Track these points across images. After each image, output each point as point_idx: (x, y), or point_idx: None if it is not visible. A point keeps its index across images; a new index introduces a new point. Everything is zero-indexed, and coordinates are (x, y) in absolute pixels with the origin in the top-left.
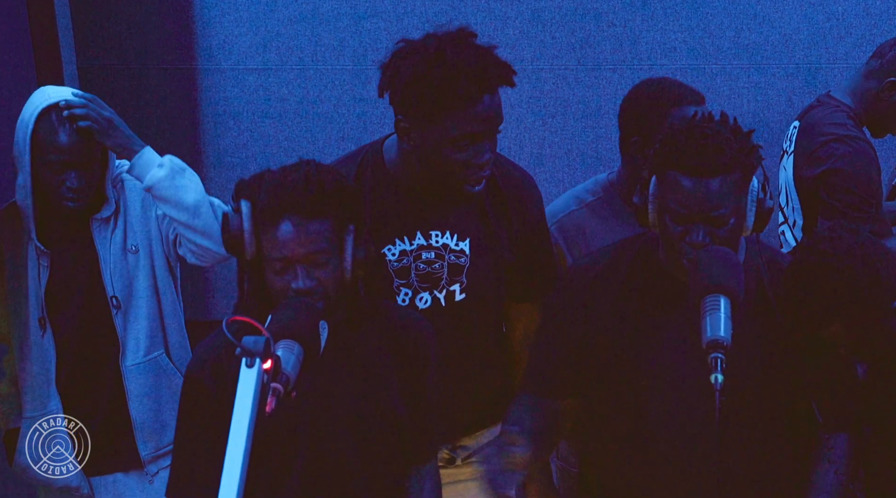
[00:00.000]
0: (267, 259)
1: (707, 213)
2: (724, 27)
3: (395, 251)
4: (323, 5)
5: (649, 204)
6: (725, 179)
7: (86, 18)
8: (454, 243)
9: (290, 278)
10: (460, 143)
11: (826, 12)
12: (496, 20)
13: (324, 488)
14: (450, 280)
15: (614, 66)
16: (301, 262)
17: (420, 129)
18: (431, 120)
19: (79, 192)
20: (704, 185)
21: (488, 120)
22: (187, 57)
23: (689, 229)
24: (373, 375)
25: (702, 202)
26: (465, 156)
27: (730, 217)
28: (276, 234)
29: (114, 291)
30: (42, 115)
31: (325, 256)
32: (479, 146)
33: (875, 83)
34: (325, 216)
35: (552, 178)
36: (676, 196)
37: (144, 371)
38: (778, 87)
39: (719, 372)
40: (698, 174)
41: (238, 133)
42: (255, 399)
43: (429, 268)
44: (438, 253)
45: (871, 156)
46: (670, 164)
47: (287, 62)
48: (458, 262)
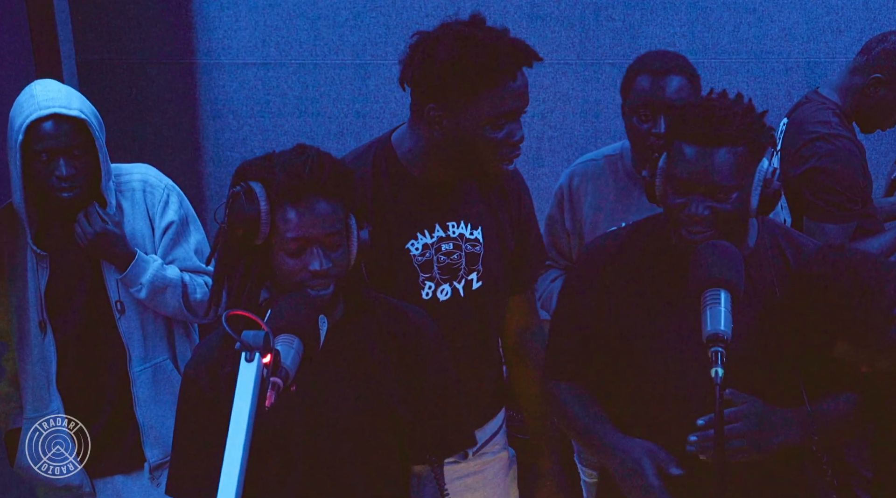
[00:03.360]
0: (281, 240)
1: (709, 183)
2: (724, 21)
3: (418, 245)
4: (322, 1)
5: (657, 178)
6: (730, 151)
7: (85, 14)
8: (469, 232)
9: (304, 261)
10: (498, 121)
11: (825, 7)
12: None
13: (323, 487)
14: (468, 269)
15: (613, 61)
16: (318, 242)
17: (455, 114)
18: (469, 101)
19: (71, 181)
20: (708, 154)
21: (523, 96)
22: (186, 52)
23: (690, 201)
24: (372, 370)
25: (704, 172)
26: (503, 134)
27: (732, 191)
28: (294, 215)
29: (118, 295)
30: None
31: (340, 237)
32: (514, 124)
33: (861, 79)
34: (338, 198)
35: (551, 173)
36: (680, 165)
37: (150, 376)
38: (777, 82)
39: (720, 366)
40: (702, 143)
41: (237, 128)
42: (254, 393)
43: (448, 259)
44: (456, 243)
45: (856, 153)
46: (677, 134)
47: (286, 57)
48: (474, 250)
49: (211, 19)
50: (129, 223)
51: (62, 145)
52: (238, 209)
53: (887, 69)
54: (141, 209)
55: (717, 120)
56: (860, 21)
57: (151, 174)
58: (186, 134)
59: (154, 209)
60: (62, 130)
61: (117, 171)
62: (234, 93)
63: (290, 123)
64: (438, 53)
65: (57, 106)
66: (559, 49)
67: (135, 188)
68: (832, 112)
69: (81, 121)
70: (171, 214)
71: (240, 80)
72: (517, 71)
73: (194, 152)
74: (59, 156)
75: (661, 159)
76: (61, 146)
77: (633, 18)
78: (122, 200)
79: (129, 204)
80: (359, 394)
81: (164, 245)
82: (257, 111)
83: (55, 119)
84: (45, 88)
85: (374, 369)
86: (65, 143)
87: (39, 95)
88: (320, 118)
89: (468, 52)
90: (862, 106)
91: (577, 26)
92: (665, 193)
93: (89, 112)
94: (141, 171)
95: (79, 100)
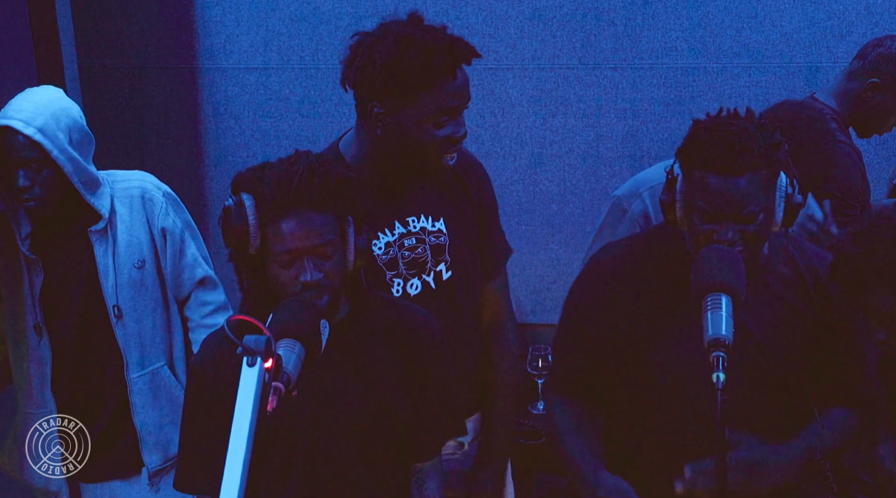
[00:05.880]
0: (272, 253)
1: (737, 212)
2: (725, 26)
3: (380, 245)
4: (324, 5)
5: (677, 202)
6: (753, 177)
7: (87, 18)
8: (430, 225)
9: (296, 271)
10: (440, 120)
11: (827, 11)
12: (497, 19)
13: (325, 487)
14: (435, 261)
15: (615, 65)
16: (309, 254)
17: (397, 113)
18: (410, 100)
19: (29, 192)
20: (733, 183)
21: (463, 93)
22: (188, 56)
23: (719, 228)
24: (374, 373)
25: (731, 201)
26: (445, 131)
27: (759, 214)
28: (284, 228)
29: (116, 300)
30: None
31: (332, 247)
32: (457, 120)
33: (858, 84)
34: (329, 208)
35: (552, 177)
36: (705, 195)
37: (147, 382)
38: (779, 86)
39: (721, 370)
40: (727, 172)
41: (239, 132)
42: (256, 398)
43: (413, 253)
44: (419, 238)
45: (854, 158)
46: (697, 163)
47: (288, 61)
48: (438, 241)
49: (213, 24)
50: (127, 230)
51: (16, 159)
52: (229, 223)
53: (884, 74)
54: (140, 216)
55: (738, 148)
56: (862, 26)
57: (150, 181)
58: (188, 138)
59: (154, 217)
60: (17, 144)
61: (115, 178)
62: (235, 97)
63: (291, 127)
64: (377, 55)
65: (16, 119)
66: (560, 53)
67: (133, 195)
68: (829, 117)
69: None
70: (170, 222)
71: (241, 85)
72: (456, 69)
73: (196, 156)
74: (16, 167)
75: (678, 182)
76: (15, 159)
77: (634, 23)
78: (120, 207)
79: (128, 210)
80: (360, 393)
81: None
82: (259, 115)
83: (9, 132)
84: (23, 98)
85: (376, 368)
86: (18, 157)
87: (12, 104)
88: (322, 122)
89: (406, 54)
90: (859, 111)
91: (579, 30)
92: (688, 219)
93: (55, 128)
94: (139, 178)
95: (47, 116)
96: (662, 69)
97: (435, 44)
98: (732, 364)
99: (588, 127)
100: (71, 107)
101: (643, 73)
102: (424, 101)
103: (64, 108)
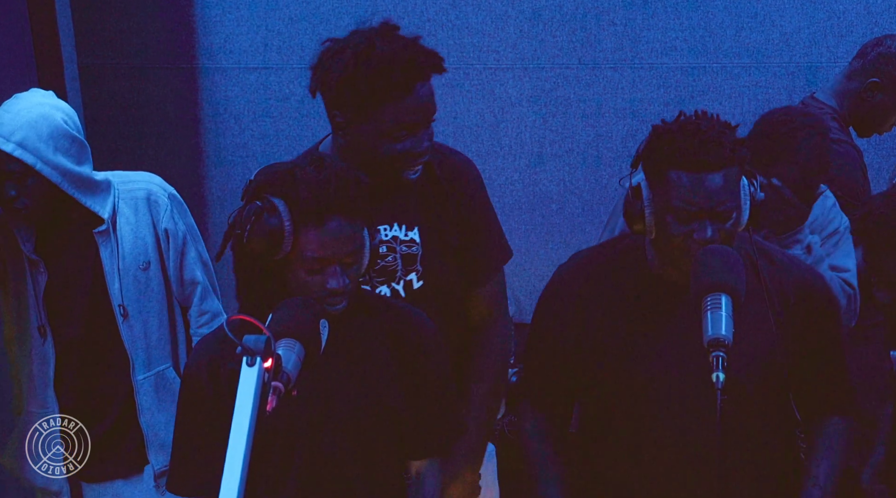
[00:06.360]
0: (302, 258)
1: (714, 209)
2: (725, 26)
3: None
4: (324, 4)
5: (646, 209)
6: (728, 173)
7: (86, 17)
8: (403, 234)
9: (324, 277)
10: (397, 134)
11: (827, 11)
12: (497, 19)
13: (324, 486)
14: (405, 270)
15: (615, 65)
16: (338, 262)
17: (356, 125)
18: (367, 114)
19: (17, 201)
20: (709, 180)
21: (422, 109)
22: (188, 56)
23: (696, 227)
24: (373, 373)
25: (709, 197)
26: (404, 146)
27: (733, 211)
28: (320, 235)
29: (122, 299)
30: None
31: (359, 255)
32: (416, 136)
33: (857, 84)
34: (359, 215)
35: (552, 177)
36: (682, 194)
37: (153, 384)
38: (779, 86)
39: (720, 370)
40: (703, 169)
41: (239, 132)
42: (255, 398)
43: (383, 262)
44: (390, 246)
45: (855, 157)
46: (670, 164)
47: (288, 61)
48: (410, 251)
49: (213, 23)
50: (132, 231)
51: (1, 170)
52: (261, 226)
53: (884, 73)
54: (145, 218)
55: (711, 144)
56: (862, 26)
57: (156, 183)
58: (188, 138)
59: (159, 218)
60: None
61: (120, 179)
62: (235, 97)
63: (291, 127)
64: (334, 68)
65: None
66: (560, 53)
67: (138, 197)
68: (829, 117)
69: None
70: (173, 224)
71: (241, 84)
72: (414, 85)
73: (196, 156)
74: (2, 178)
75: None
76: (5, 170)
77: (634, 22)
78: (125, 208)
79: (133, 211)
80: (359, 392)
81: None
82: (259, 115)
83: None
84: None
85: (375, 368)
86: (2, 169)
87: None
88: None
89: (361, 69)
90: (858, 110)
91: (579, 30)
92: (662, 224)
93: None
94: (145, 179)
95: (27, 129)
96: (662, 69)
97: (392, 59)
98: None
99: (588, 127)
100: (53, 112)
101: (643, 73)
102: (381, 115)
103: (44, 116)
